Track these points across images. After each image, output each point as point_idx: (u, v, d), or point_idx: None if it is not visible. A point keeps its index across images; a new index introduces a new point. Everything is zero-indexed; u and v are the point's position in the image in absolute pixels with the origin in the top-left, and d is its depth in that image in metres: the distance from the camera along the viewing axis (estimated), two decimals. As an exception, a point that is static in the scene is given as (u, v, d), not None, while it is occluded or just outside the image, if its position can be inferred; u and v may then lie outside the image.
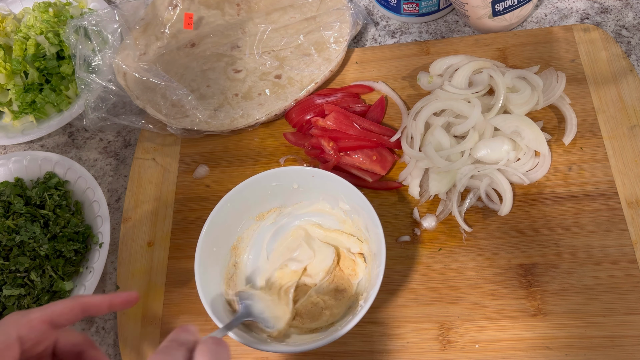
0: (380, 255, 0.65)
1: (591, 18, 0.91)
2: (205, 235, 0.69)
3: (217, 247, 0.72)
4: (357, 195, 0.69)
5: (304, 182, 0.73)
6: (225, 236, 0.73)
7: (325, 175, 0.71)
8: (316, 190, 0.74)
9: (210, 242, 0.70)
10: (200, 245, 0.69)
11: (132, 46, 0.93)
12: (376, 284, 0.63)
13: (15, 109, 0.95)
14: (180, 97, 0.87)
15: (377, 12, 0.99)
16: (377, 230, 0.66)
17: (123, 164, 0.92)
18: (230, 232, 0.74)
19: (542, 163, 0.77)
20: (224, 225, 0.72)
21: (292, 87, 0.87)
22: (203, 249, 0.69)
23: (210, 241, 0.70)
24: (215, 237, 0.71)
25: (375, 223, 0.67)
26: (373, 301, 0.63)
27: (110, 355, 0.77)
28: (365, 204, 0.68)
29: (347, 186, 0.69)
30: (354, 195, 0.69)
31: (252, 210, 0.75)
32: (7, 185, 0.85)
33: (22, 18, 1.03)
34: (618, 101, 0.80)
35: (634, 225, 0.72)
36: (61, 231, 0.80)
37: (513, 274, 0.72)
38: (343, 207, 0.74)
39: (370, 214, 0.68)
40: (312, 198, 0.76)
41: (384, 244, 0.65)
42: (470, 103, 0.78)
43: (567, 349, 0.67)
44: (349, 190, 0.70)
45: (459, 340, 0.69)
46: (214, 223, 0.70)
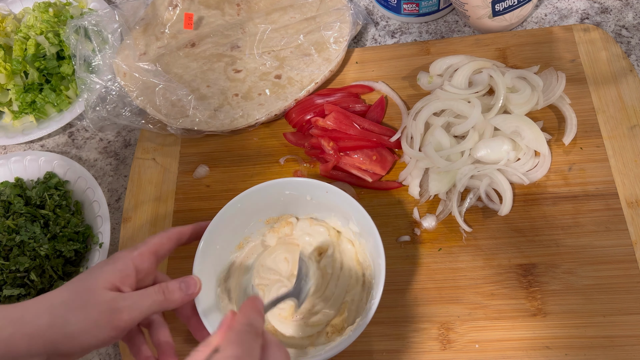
0: (377, 288, 0.64)
1: (591, 18, 0.91)
2: (210, 232, 0.69)
3: (220, 245, 0.71)
4: (367, 221, 0.67)
5: (318, 195, 0.72)
6: (231, 235, 0.73)
7: (339, 193, 0.69)
8: (329, 205, 0.72)
9: (214, 239, 0.70)
10: (204, 239, 0.68)
11: (132, 46, 0.93)
12: (368, 315, 0.63)
13: (15, 109, 0.95)
14: (180, 97, 0.87)
15: (377, 12, 0.99)
16: (380, 261, 0.65)
17: (123, 164, 0.92)
18: (237, 233, 0.74)
19: (542, 163, 0.77)
20: (232, 225, 0.72)
21: (292, 87, 0.87)
22: (207, 243, 0.69)
23: (214, 238, 0.70)
24: (220, 234, 0.71)
25: (379, 253, 0.65)
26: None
27: (110, 355, 0.77)
28: (373, 232, 0.67)
29: (359, 210, 0.68)
30: (364, 220, 0.68)
31: (262, 213, 0.75)
32: (7, 185, 0.85)
33: (22, 18, 1.03)
34: (618, 101, 0.80)
35: (633, 225, 0.72)
36: (61, 231, 0.80)
37: (513, 274, 0.72)
38: (353, 228, 0.72)
39: (376, 243, 0.66)
40: (323, 212, 0.74)
41: (383, 276, 0.64)
42: (470, 103, 0.78)
43: (567, 349, 0.67)
44: (360, 214, 0.68)
45: (459, 340, 0.69)
46: (222, 220, 0.70)
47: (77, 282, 0.58)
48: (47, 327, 0.54)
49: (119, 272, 0.59)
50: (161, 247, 0.63)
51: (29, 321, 0.54)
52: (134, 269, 0.60)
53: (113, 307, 0.56)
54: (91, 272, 0.59)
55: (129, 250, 0.61)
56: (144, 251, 0.61)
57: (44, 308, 0.56)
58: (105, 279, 0.58)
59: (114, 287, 0.58)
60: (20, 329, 0.54)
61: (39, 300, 0.56)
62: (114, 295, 0.57)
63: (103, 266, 0.59)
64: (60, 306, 0.56)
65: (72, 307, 0.56)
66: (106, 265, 0.59)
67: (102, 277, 0.58)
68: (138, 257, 0.61)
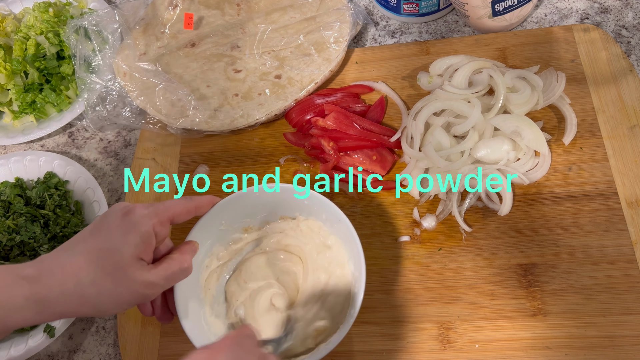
0: (358, 293, 0.63)
1: (591, 18, 0.91)
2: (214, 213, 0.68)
3: (225, 225, 0.71)
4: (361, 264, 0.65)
5: (331, 218, 0.70)
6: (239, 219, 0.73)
7: (349, 228, 0.67)
8: (338, 233, 0.71)
9: (218, 221, 0.70)
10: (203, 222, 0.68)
11: (132, 46, 0.93)
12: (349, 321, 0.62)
13: (15, 109, 0.96)
14: (180, 97, 0.87)
15: (377, 12, 0.99)
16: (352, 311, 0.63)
17: (123, 164, 0.92)
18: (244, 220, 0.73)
19: (542, 163, 0.77)
20: (239, 213, 0.72)
21: (292, 87, 0.87)
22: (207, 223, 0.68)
23: (217, 221, 0.70)
24: (227, 215, 0.70)
25: (359, 258, 0.65)
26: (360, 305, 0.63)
27: (110, 355, 0.77)
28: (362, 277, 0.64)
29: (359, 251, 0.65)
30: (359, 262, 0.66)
31: (277, 213, 0.74)
32: (7, 185, 0.85)
33: (22, 18, 1.03)
34: (618, 101, 0.80)
35: (633, 225, 0.72)
36: (61, 231, 0.80)
37: (513, 273, 0.72)
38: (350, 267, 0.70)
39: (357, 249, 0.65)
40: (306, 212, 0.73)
41: (364, 275, 0.64)
42: (470, 103, 0.78)
43: (567, 348, 0.67)
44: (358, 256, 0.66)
45: (459, 340, 0.69)
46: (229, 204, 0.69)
47: (103, 255, 0.55)
48: (77, 306, 0.54)
49: (143, 243, 0.56)
50: (180, 215, 0.61)
51: (58, 302, 0.54)
52: (154, 233, 0.58)
53: (144, 288, 0.56)
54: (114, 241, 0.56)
55: (149, 214, 0.58)
56: (164, 218, 0.59)
57: (72, 287, 0.54)
58: (131, 253, 0.55)
59: (139, 259, 0.56)
60: (47, 309, 0.54)
61: (62, 275, 0.54)
62: (143, 276, 0.56)
63: (126, 235, 0.56)
64: (90, 286, 0.54)
65: (103, 287, 0.54)
66: (129, 233, 0.56)
67: (128, 250, 0.55)
68: (159, 224, 0.58)
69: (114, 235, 0.56)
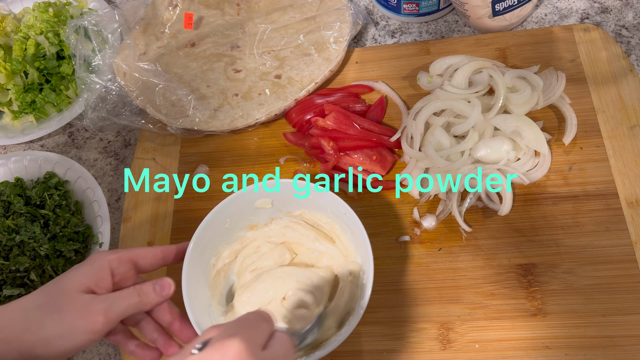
0: (366, 288, 0.63)
1: (591, 18, 0.91)
2: (216, 214, 0.69)
3: (230, 224, 0.72)
4: (368, 255, 0.65)
5: (336, 211, 0.70)
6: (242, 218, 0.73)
7: (354, 219, 0.67)
8: (345, 227, 0.71)
9: (222, 220, 0.70)
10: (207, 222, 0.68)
11: (132, 46, 0.93)
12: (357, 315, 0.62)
13: (15, 109, 0.95)
14: (180, 97, 0.87)
15: (377, 12, 0.99)
16: (362, 302, 0.63)
17: (123, 164, 0.92)
18: (247, 219, 0.74)
19: (542, 163, 0.77)
20: (220, 233, 0.72)
21: (292, 87, 0.87)
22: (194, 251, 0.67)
23: (221, 219, 0.70)
24: (208, 243, 0.70)
25: (367, 254, 0.65)
26: (368, 303, 0.63)
27: (110, 355, 0.77)
28: (370, 274, 0.65)
29: (367, 248, 0.65)
30: (367, 258, 0.66)
31: (281, 210, 0.74)
32: (7, 185, 0.85)
33: (22, 18, 1.03)
34: (618, 101, 0.80)
35: (633, 225, 0.72)
36: (61, 231, 0.80)
37: (513, 273, 0.72)
38: (357, 259, 0.70)
39: (365, 245, 0.65)
40: (312, 209, 0.74)
41: (372, 271, 0.64)
42: (470, 103, 0.78)
43: (567, 348, 0.67)
44: (365, 247, 0.66)
45: (459, 340, 0.69)
46: (209, 227, 0.69)
47: (52, 285, 0.57)
48: (22, 332, 0.54)
49: (94, 274, 0.57)
50: (143, 258, 0.61)
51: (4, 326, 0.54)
52: (110, 271, 0.58)
53: (88, 311, 0.55)
54: (66, 274, 0.58)
55: (107, 252, 0.60)
56: (122, 256, 0.60)
57: (19, 313, 0.55)
58: (79, 282, 0.57)
59: (88, 289, 0.57)
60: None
61: (13, 305, 0.56)
62: (88, 297, 0.56)
63: (78, 268, 0.58)
64: (35, 310, 0.55)
65: (47, 311, 0.55)
66: (81, 267, 0.58)
67: (76, 279, 0.57)
68: (115, 260, 0.59)
69: (69, 271, 0.59)
